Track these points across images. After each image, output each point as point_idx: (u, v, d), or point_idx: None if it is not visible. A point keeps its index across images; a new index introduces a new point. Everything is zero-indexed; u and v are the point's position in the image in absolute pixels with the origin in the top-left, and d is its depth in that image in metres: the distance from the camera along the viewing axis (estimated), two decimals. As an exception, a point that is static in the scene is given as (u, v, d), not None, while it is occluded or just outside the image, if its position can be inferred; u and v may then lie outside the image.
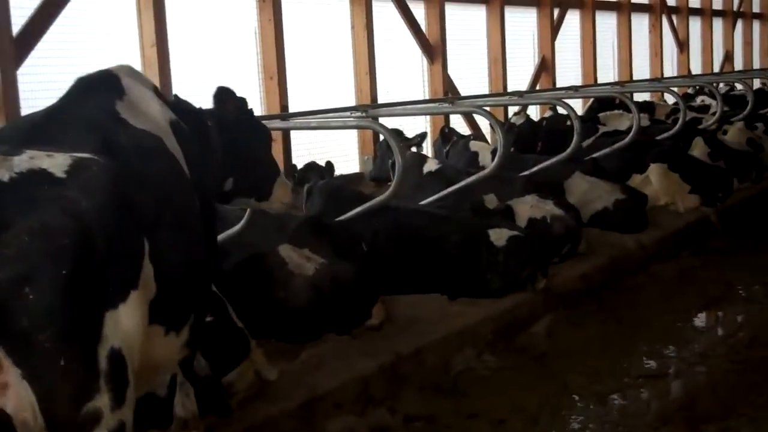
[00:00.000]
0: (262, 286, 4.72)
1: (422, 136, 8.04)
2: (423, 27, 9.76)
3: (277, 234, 5.07)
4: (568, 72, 12.87)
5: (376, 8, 9.09)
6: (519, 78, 11.76)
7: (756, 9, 20.07)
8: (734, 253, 7.96)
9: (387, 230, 5.83)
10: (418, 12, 9.77)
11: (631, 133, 8.54)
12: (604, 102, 11.84)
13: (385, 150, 8.12)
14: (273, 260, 4.83)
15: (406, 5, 9.39)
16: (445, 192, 6.86)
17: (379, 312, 5.04)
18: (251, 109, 4.35)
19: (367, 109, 7.52)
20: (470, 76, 10.96)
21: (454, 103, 8.03)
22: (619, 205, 7.62)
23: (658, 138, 9.46)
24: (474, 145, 8.50)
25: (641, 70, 14.74)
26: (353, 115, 7.41)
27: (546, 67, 11.79)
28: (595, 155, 8.42)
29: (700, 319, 6.23)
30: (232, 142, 3.97)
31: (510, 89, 10.91)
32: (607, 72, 13.97)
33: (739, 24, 19.07)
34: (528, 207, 6.77)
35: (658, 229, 7.79)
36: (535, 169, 7.65)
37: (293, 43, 8.52)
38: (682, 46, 15.92)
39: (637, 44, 14.69)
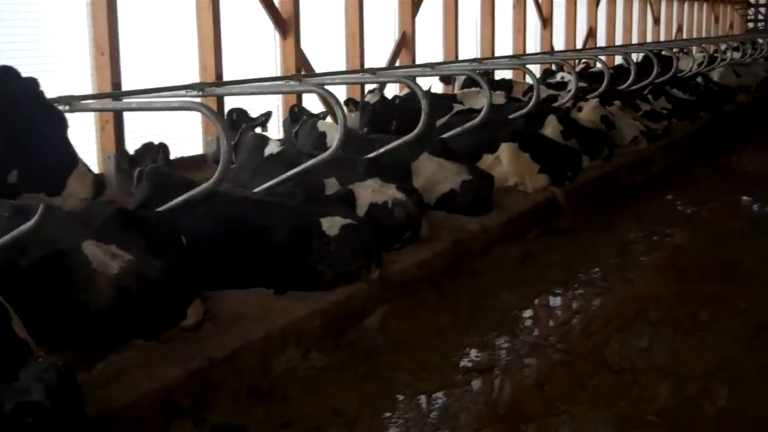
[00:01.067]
0: (60, 288, 4.34)
1: (267, 116, 7.71)
2: (275, -1, 9.40)
3: (83, 229, 4.67)
4: (432, 49, 12.74)
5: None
6: (380, 55, 11.55)
7: (619, -15, 20.49)
8: (579, 234, 8.01)
9: (212, 220, 5.51)
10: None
11: (482, 112, 8.42)
12: (469, 80, 11.78)
13: (227, 130, 7.76)
14: (75, 258, 4.44)
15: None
16: (283, 177, 6.56)
17: (195, 311, 4.72)
18: (41, 90, 3.97)
19: (204, 88, 7.12)
20: (330, 52, 10.69)
21: (301, 81, 7.72)
22: (465, 187, 7.51)
23: (512, 116, 9.43)
24: (322, 125, 8.22)
25: (506, 46, 14.77)
26: (188, 93, 7.01)
27: (406, 43, 11.60)
28: (444, 135, 8.29)
29: (537, 306, 6.18)
30: (16, 129, 3.59)
31: (369, 66, 10.69)
32: (472, 49, 13.92)
33: (603, 1, 19.40)
34: (369, 191, 6.56)
35: (503, 211, 7.72)
36: (380, 150, 7.44)
37: (133, 16, 8.03)
38: (546, 22, 16.04)
39: (502, 21, 14.70)
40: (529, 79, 11.84)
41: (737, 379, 4.66)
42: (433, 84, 11.18)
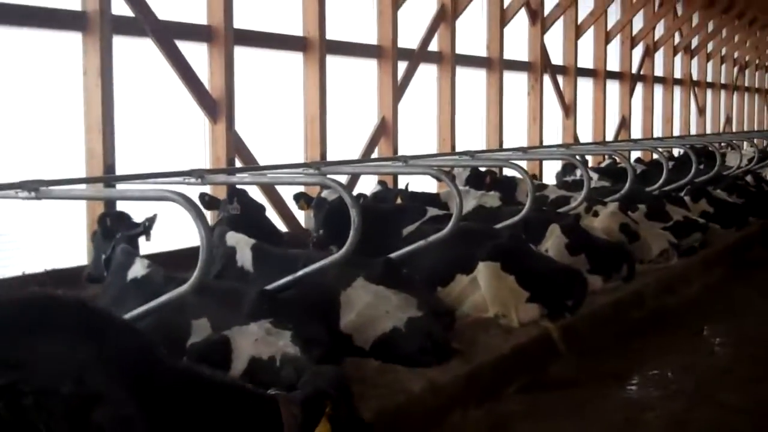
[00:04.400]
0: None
1: (151, 221, 5.82)
2: (206, 75, 7.60)
3: None
4: (425, 140, 10.87)
5: (130, 46, 6.94)
6: (354, 142, 9.71)
7: (659, 73, 18.57)
8: (578, 389, 5.87)
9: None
10: (200, 55, 7.62)
11: (452, 220, 6.42)
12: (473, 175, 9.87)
13: (100, 242, 5.88)
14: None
15: (174, 46, 7.21)
16: (136, 312, 4.62)
17: None
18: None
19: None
20: (284, 138, 8.89)
21: (204, 178, 5.82)
22: (412, 326, 5.44)
23: (499, 226, 7.40)
24: (232, 238, 6.20)
25: (519, 138, 12.80)
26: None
27: (386, 130, 9.71)
28: (396, 253, 6.27)
29: None
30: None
31: (336, 157, 8.88)
32: (475, 137, 12.01)
33: (639, 88, 17.46)
34: (251, 341, 4.56)
35: (469, 359, 5.60)
36: (297, 275, 5.45)
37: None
38: (568, 110, 14.08)
39: (515, 108, 12.80)
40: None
41: None
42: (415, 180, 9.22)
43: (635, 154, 15.34)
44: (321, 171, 6.81)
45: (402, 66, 9.96)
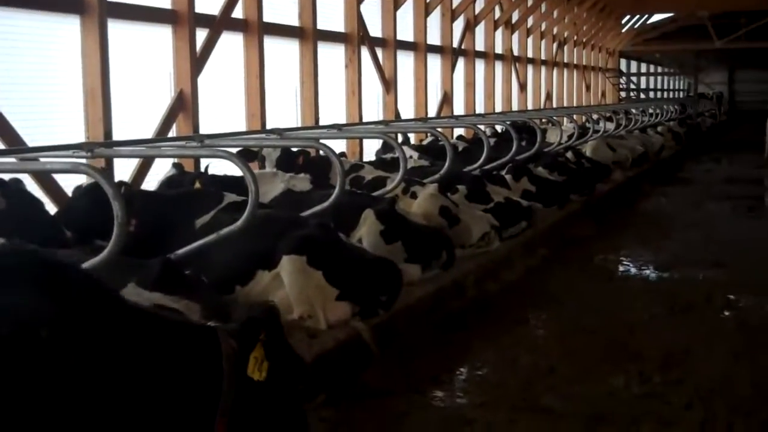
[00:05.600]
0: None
1: None
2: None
3: None
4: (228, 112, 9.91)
5: None
6: (151, 121, 8.62)
7: (480, 48, 18.31)
8: (399, 396, 5.20)
9: None
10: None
11: (248, 208, 5.55)
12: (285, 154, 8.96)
13: None
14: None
15: None
16: None
17: None
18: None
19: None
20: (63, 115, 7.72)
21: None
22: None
23: (306, 213, 6.61)
24: None
25: (334, 112, 12.02)
26: None
27: (184, 105, 8.67)
28: (179, 251, 5.35)
29: None
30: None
31: (127, 135, 7.79)
32: (290, 114, 11.16)
33: (461, 63, 17.11)
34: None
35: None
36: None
37: None
38: (389, 86, 13.43)
39: (331, 80, 12.03)
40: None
41: None
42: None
43: (458, 131, 14.98)
44: (94, 153, 5.77)
45: (202, 34, 8.93)
